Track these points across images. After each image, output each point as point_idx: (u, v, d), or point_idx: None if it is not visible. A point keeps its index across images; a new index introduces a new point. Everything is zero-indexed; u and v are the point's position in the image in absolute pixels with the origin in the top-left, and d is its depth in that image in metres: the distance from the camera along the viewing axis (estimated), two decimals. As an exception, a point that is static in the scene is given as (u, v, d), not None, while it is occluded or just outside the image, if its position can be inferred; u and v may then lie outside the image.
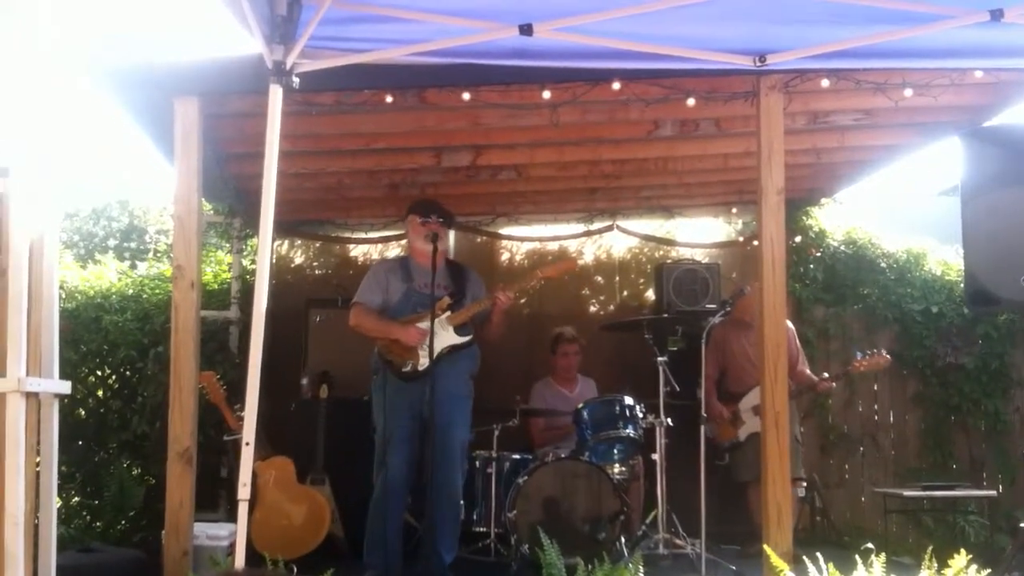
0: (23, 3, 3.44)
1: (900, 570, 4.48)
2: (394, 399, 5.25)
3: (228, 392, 6.17)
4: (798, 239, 7.85)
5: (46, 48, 3.52)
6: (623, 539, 5.57)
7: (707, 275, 7.40)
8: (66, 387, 3.69)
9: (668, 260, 7.81)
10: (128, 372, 7.46)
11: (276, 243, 7.93)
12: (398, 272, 5.51)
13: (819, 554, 4.07)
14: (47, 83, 3.57)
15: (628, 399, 5.98)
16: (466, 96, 5.20)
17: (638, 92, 5.24)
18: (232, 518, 5.56)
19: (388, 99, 5.23)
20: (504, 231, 8.21)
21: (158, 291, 7.63)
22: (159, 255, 9.56)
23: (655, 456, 5.80)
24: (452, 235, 7.30)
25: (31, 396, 3.36)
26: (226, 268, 7.88)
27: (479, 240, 8.18)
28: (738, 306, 6.26)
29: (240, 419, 5.37)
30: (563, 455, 5.86)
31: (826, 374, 6.66)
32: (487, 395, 5.99)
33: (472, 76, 4.95)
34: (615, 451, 5.97)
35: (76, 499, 7.15)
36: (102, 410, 7.41)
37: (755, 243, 5.30)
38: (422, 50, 3.66)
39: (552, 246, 8.21)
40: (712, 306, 6.96)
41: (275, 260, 7.88)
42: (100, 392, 7.53)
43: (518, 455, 6.19)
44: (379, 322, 5.37)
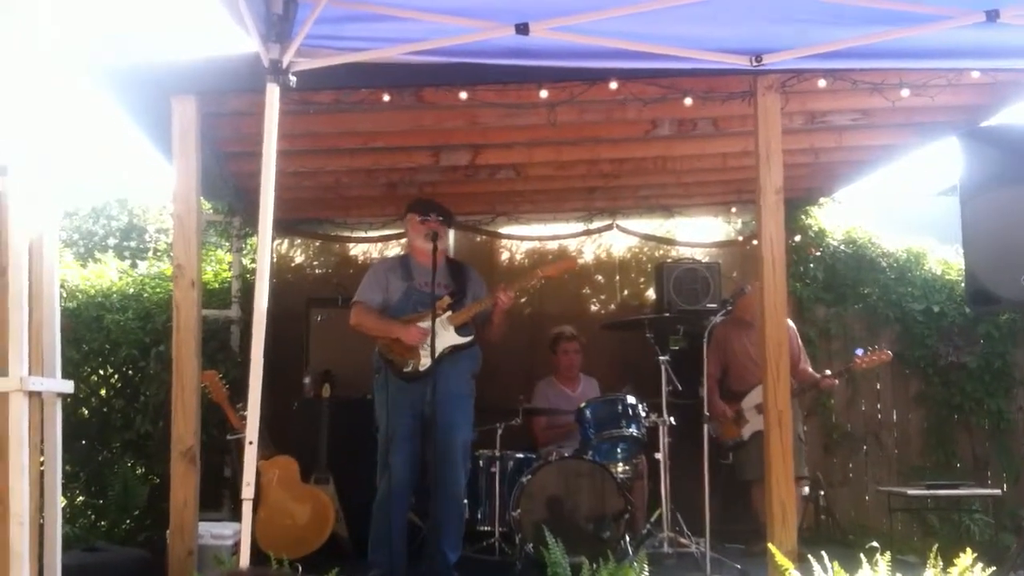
0: (23, 3, 3.44)
1: (905, 569, 4.48)
2: (396, 398, 5.25)
3: (230, 391, 6.17)
4: (798, 238, 7.84)
5: (46, 48, 3.52)
6: (627, 538, 5.57)
7: (707, 274, 7.40)
8: (69, 386, 3.69)
9: (668, 259, 7.80)
10: (130, 371, 7.48)
11: (276, 242, 7.94)
12: (398, 271, 5.50)
13: (824, 553, 4.07)
14: (47, 83, 3.57)
15: (631, 398, 5.98)
16: (463, 95, 5.20)
17: (635, 92, 5.25)
18: (236, 517, 5.57)
19: (386, 98, 5.23)
20: (503, 230, 8.21)
21: (159, 290, 7.64)
22: (159, 254, 9.57)
23: (658, 455, 5.82)
24: (452, 234, 7.30)
25: (34, 395, 3.36)
26: (226, 267, 7.89)
27: (479, 239, 8.18)
28: (739, 305, 6.27)
29: (243, 418, 5.37)
30: (567, 454, 5.86)
31: (828, 371, 6.66)
32: (490, 394, 6.00)
33: (469, 75, 4.95)
34: (618, 450, 5.97)
35: (80, 498, 7.17)
36: (105, 409, 7.42)
37: (755, 242, 5.30)
38: (419, 49, 3.66)
39: (552, 245, 8.21)
40: (713, 305, 6.96)
41: (275, 259, 7.89)
42: (103, 391, 7.54)
43: (521, 454, 6.18)
44: (380, 321, 5.37)
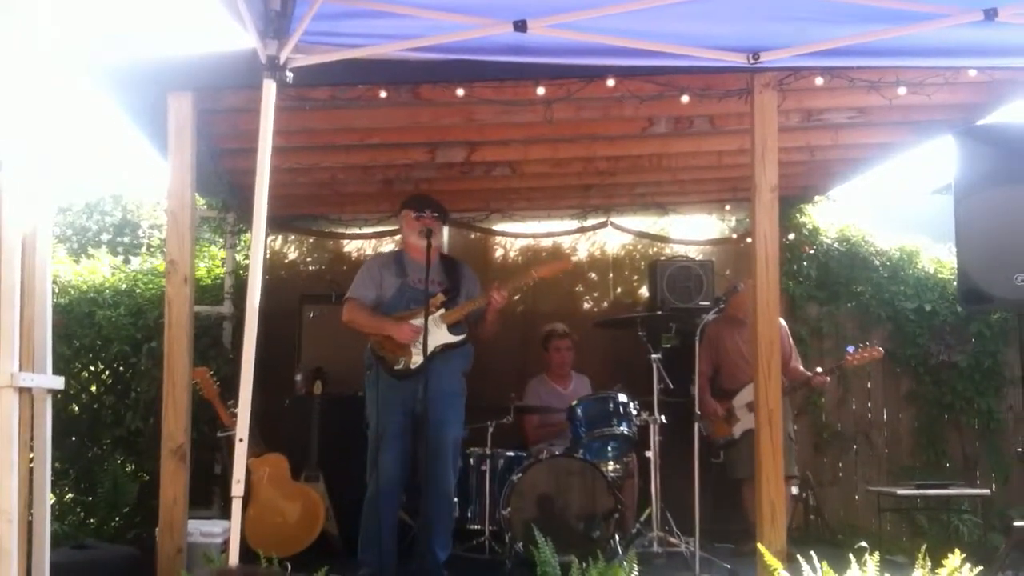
0: (23, 3, 3.42)
1: (894, 569, 4.49)
2: (387, 395, 5.24)
3: (221, 388, 6.16)
4: (792, 236, 7.86)
5: (46, 47, 3.50)
6: (617, 537, 5.58)
7: (701, 272, 7.41)
8: (59, 382, 3.68)
9: (662, 257, 7.81)
10: (121, 367, 7.44)
11: (270, 238, 7.92)
12: (392, 267, 5.49)
13: (813, 552, 4.07)
14: (45, 81, 3.56)
15: (622, 396, 5.98)
16: (460, 92, 5.18)
17: (632, 89, 5.24)
18: (226, 515, 5.53)
19: (382, 94, 5.21)
20: (498, 227, 8.19)
21: (151, 286, 7.60)
22: (152, 250, 9.55)
23: (649, 453, 5.81)
24: (446, 231, 7.29)
25: (24, 391, 3.34)
26: (219, 263, 7.86)
27: (473, 236, 8.17)
28: (731, 303, 6.27)
29: (233, 415, 5.35)
30: (557, 452, 5.86)
31: (819, 369, 6.66)
32: (481, 392, 5.99)
33: (466, 72, 4.93)
34: (609, 448, 5.97)
35: (70, 495, 7.13)
36: (95, 406, 7.38)
37: (749, 240, 5.30)
38: (416, 46, 3.65)
39: (546, 242, 8.21)
40: (706, 303, 6.96)
41: (268, 255, 7.88)
42: (93, 387, 7.50)
43: (512, 452, 6.17)
44: (372, 318, 5.35)
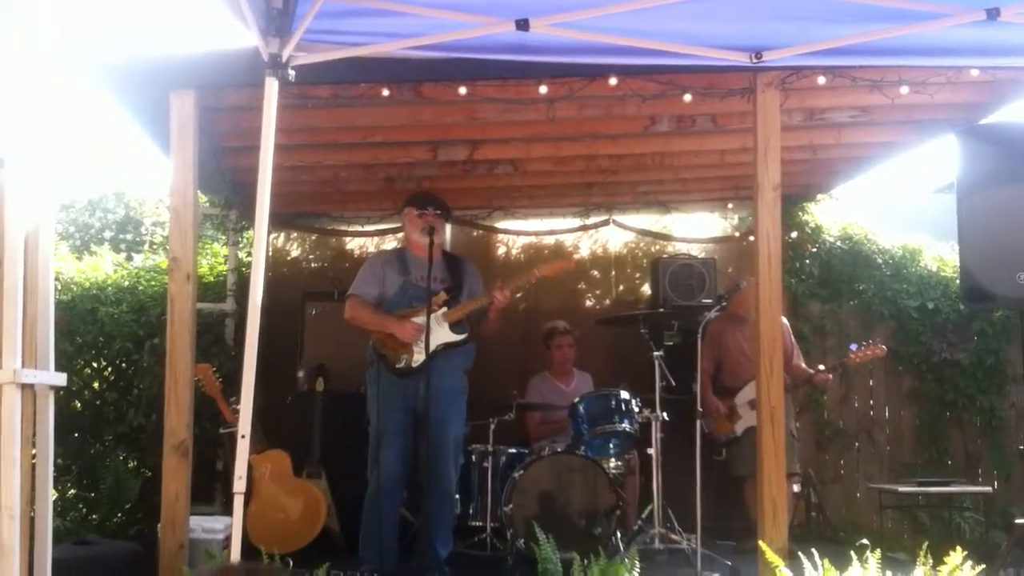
0: (23, 3, 3.43)
1: (895, 566, 4.50)
2: (388, 392, 5.24)
3: (224, 385, 6.17)
4: (794, 235, 7.85)
5: (46, 47, 3.51)
6: (619, 534, 5.59)
7: (703, 270, 7.41)
8: (62, 379, 3.69)
9: (664, 255, 7.80)
10: (124, 364, 7.47)
11: (272, 236, 7.93)
12: (394, 264, 5.49)
13: (814, 550, 4.07)
14: (46, 80, 3.56)
15: (624, 393, 5.99)
16: (462, 90, 5.18)
17: (635, 88, 5.24)
18: (228, 511, 5.54)
19: (384, 93, 5.21)
20: (500, 225, 8.19)
21: (154, 283, 7.62)
22: (155, 247, 9.55)
23: (651, 451, 5.81)
24: (448, 229, 7.29)
25: (27, 388, 3.35)
26: (222, 260, 7.87)
27: (475, 234, 8.17)
28: (734, 301, 6.27)
29: (236, 412, 5.35)
30: (559, 449, 5.86)
31: (821, 366, 6.65)
32: (483, 389, 6.00)
33: (469, 70, 4.94)
34: (611, 445, 5.98)
35: (72, 491, 7.16)
36: (98, 402, 7.41)
37: (751, 238, 5.30)
38: (418, 44, 3.65)
39: (548, 240, 8.21)
40: (708, 301, 6.95)
41: (271, 253, 7.89)
42: (96, 384, 7.52)
43: (514, 449, 6.17)
44: (375, 316, 5.36)
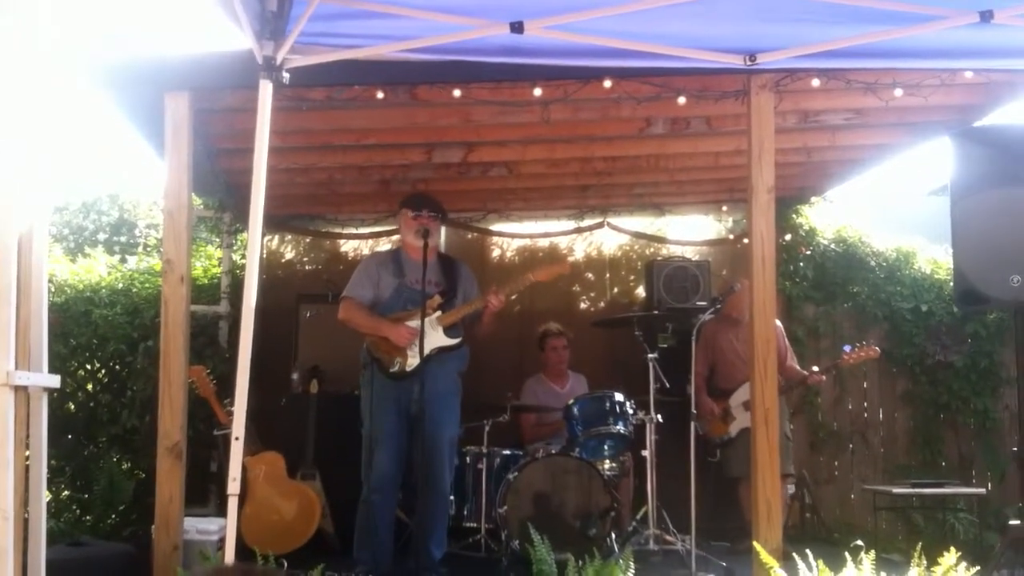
0: (23, 3, 3.42)
1: (889, 567, 4.49)
2: (382, 395, 5.24)
3: (218, 386, 6.16)
4: (788, 237, 7.86)
5: (45, 47, 3.50)
6: (613, 535, 5.58)
7: (697, 272, 7.42)
8: (55, 381, 3.69)
9: (659, 257, 7.81)
10: (118, 366, 7.46)
11: (266, 238, 7.92)
12: (389, 266, 5.49)
13: (808, 551, 4.08)
14: (42, 80, 3.56)
15: (618, 395, 5.99)
16: (457, 93, 5.19)
17: (629, 90, 5.24)
18: (222, 513, 5.56)
19: (379, 95, 5.22)
20: (495, 228, 8.20)
21: (148, 285, 7.62)
22: (149, 249, 9.54)
23: (645, 452, 5.81)
24: (443, 231, 7.28)
25: (20, 390, 3.35)
26: (216, 263, 7.87)
27: (470, 236, 8.17)
28: (728, 303, 6.28)
29: (230, 413, 5.35)
30: (554, 451, 5.85)
31: (815, 368, 6.67)
32: (478, 391, 6.00)
33: (463, 73, 4.93)
34: (605, 447, 5.97)
35: (66, 493, 7.15)
36: (92, 404, 7.40)
37: (745, 241, 5.30)
38: (413, 47, 3.65)
39: (543, 243, 8.21)
40: (702, 303, 6.97)
41: (265, 255, 7.88)
42: (89, 386, 7.51)
43: (509, 451, 6.18)
44: (369, 318, 5.35)
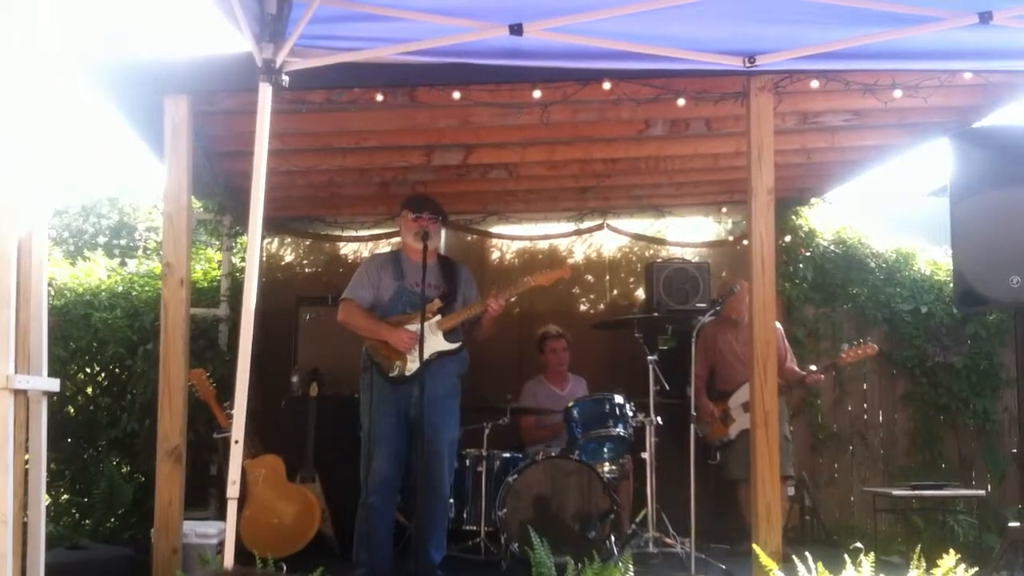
0: (23, 3, 3.42)
1: (889, 569, 4.49)
2: (381, 398, 5.23)
3: (218, 390, 6.16)
4: (788, 239, 7.85)
5: (44, 48, 3.50)
6: (613, 538, 5.59)
7: (697, 274, 7.41)
8: (55, 384, 3.68)
9: (658, 259, 7.80)
10: (117, 369, 7.45)
11: (266, 241, 7.92)
12: (390, 269, 5.47)
13: (808, 553, 4.08)
14: (42, 82, 3.55)
15: (618, 398, 5.98)
16: (457, 95, 5.19)
17: (629, 92, 5.24)
18: (222, 516, 5.55)
19: (379, 97, 5.22)
20: (495, 230, 8.20)
21: (147, 288, 7.61)
22: (149, 252, 9.53)
23: (645, 455, 5.82)
24: (443, 233, 7.27)
25: (19, 393, 3.34)
26: (216, 265, 7.87)
27: (469, 238, 8.17)
28: (727, 305, 6.29)
29: (230, 417, 5.35)
30: (553, 453, 5.85)
31: (813, 367, 6.66)
32: (478, 393, 6.01)
33: (463, 75, 4.94)
34: (605, 449, 5.97)
35: (65, 497, 7.14)
36: (91, 407, 7.40)
37: (745, 242, 5.30)
38: (412, 49, 3.65)
39: (542, 245, 8.21)
40: (702, 305, 6.96)
41: (265, 258, 7.88)
42: (89, 389, 7.52)
43: (508, 453, 6.17)
44: (369, 321, 5.34)
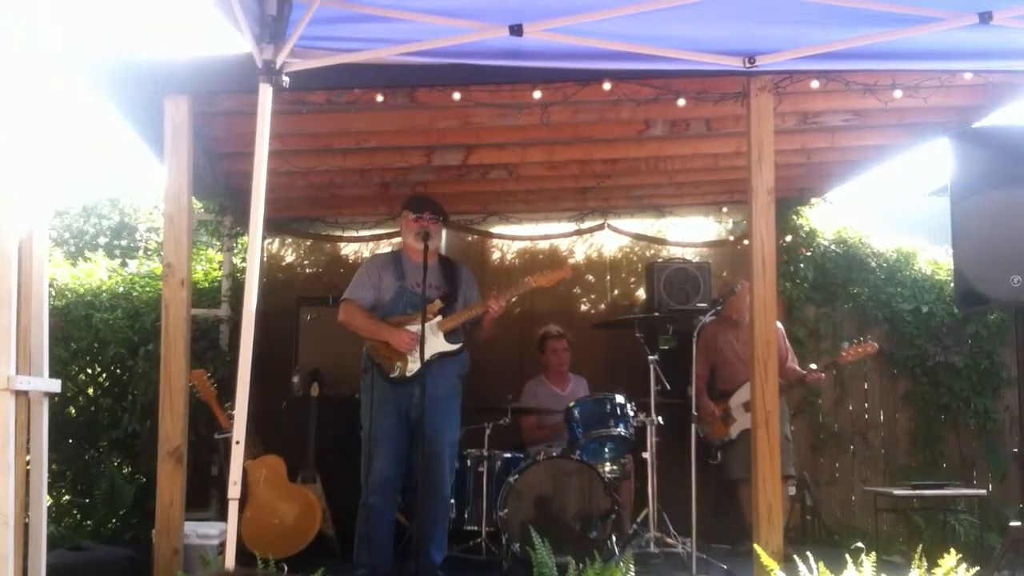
0: (23, 3, 3.42)
1: (890, 569, 4.50)
2: (381, 399, 5.23)
3: (219, 390, 6.16)
4: (788, 238, 7.85)
5: (44, 48, 3.50)
6: (614, 538, 5.58)
7: (698, 274, 7.41)
8: (56, 385, 3.68)
9: (659, 259, 7.80)
10: (118, 370, 7.46)
11: (267, 241, 7.92)
12: (391, 269, 5.47)
13: (809, 553, 4.08)
14: (43, 82, 3.56)
15: (619, 397, 5.99)
16: (457, 95, 5.20)
17: (629, 92, 5.24)
18: (223, 517, 5.53)
19: (379, 98, 5.23)
20: (495, 230, 8.20)
21: (148, 289, 7.62)
22: (150, 253, 9.55)
23: (646, 454, 5.82)
24: (444, 233, 7.27)
25: (21, 394, 3.35)
26: (217, 266, 7.87)
27: (470, 239, 8.17)
28: (728, 304, 6.30)
29: (231, 417, 5.35)
30: (554, 453, 5.85)
31: (813, 366, 6.67)
32: (479, 393, 6.01)
33: (463, 75, 4.94)
34: (606, 449, 5.97)
35: (67, 497, 7.15)
36: (92, 408, 7.40)
37: (745, 242, 5.30)
38: (413, 50, 3.65)
39: (543, 245, 8.21)
40: (703, 305, 6.96)
41: (266, 258, 7.88)
42: (90, 390, 7.52)
43: (509, 454, 6.17)
44: (370, 321, 5.34)
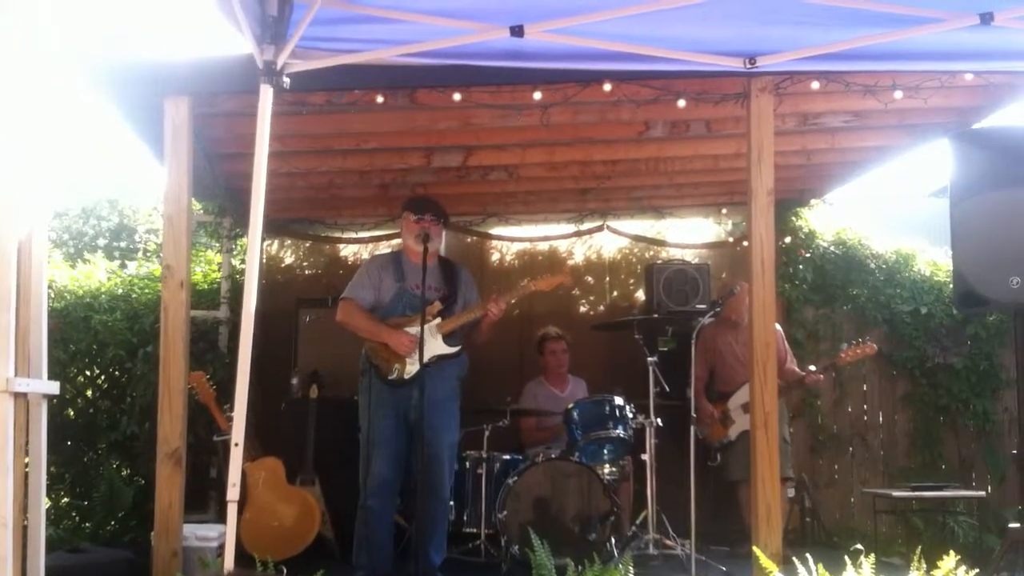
0: (23, 3, 3.42)
1: (889, 571, 4.50)
2: (380, 401, 5.22)
3: (218, 392, 6.16)
4: (788, 240, 7.85)
5: (45, 48, 3.50)
6: (613, 540, 5.58)
7: (697, 275, 7.40)
8: (55, 387, 3.68)
9: (658, 260, 7.80)
10: (117, 372, 7.45)
11: (266, 242, 7.91)
12: (391, 270, 5.46)
13: (808, 555, 4.07)
14: (43, 82, 3.55)
15: (618, 399, 5.98)
16: (457, 96, 5.20)
17: (629, 93, 5.24)
18: (222, 519, 5.55)
19: (379, 99, 5.22)
20: (495, 231, 8.20)
21: (147, 291, 7.61)
22: (149, 254, 9.54)
23: (645, 456, 5.82)
24: (443, 234, 7.27)
25: (19, 396, 3.34)
26: (216, 268, 7.87)
27: (469, 240, 8.17)
28: (727, 306, 6.29)
29: (230, 419, 5.35)
30: (553, 455, 5.85)
31: (812, 367, 6.66)
32: (478, 395, 5.99)
33: (463, 77, 4.94)
34: (605, 451, 5.96)
35: (65, 500, 7.14)
36: (91, 410, 7.40)
37: (745, 243, 5.30)
38: (413, 51, 3.65)
39: (543, 246, 8.21)
40: (702, 306, 6.96)
41: (265, 259, 7.87)
42: (89, 392, 7.51)
43: (508, 455, 6.16)
44: (369, 322, 5.33)
